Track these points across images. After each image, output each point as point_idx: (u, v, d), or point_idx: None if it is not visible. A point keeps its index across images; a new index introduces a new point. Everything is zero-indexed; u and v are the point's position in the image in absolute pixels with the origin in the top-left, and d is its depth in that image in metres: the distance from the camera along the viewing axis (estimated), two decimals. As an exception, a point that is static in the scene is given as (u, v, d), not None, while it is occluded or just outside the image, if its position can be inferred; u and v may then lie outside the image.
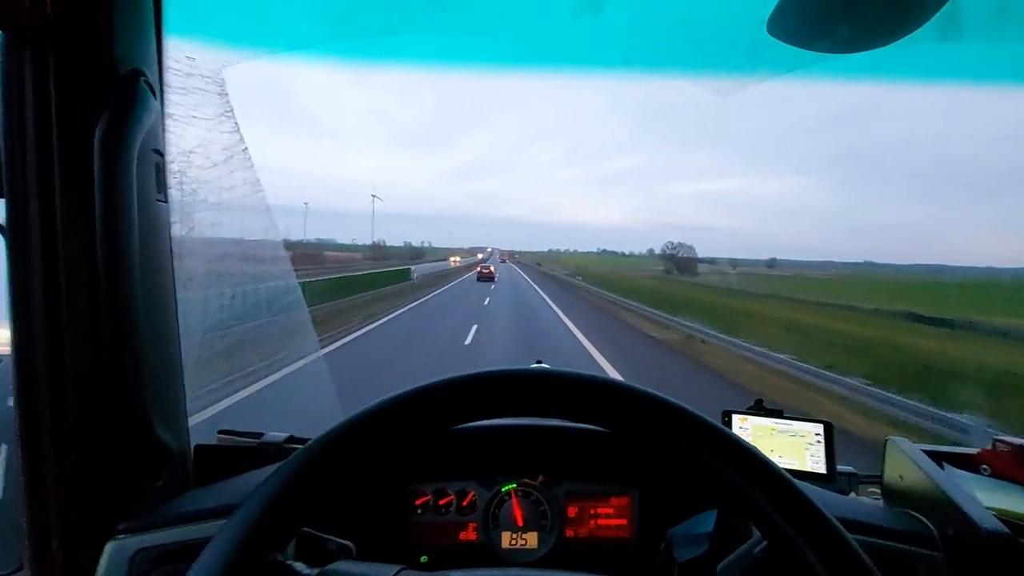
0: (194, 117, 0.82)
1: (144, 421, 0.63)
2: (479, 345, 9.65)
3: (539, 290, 26.84)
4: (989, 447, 0.75)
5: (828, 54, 0.78)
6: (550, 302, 20.25)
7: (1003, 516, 0.62)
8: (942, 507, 0.65)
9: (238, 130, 0.86)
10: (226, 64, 0.88)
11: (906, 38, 0.71)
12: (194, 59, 0.82)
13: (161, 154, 0.71)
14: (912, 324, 20.76)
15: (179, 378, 0.73)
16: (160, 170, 0.70)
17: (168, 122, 0.75)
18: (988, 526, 0.59)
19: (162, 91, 0.73)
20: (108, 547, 0.60)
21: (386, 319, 13.27)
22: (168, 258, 0.72)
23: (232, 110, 0.86)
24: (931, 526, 0.66)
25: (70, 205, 0.57)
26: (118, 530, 0.61)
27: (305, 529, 0.40)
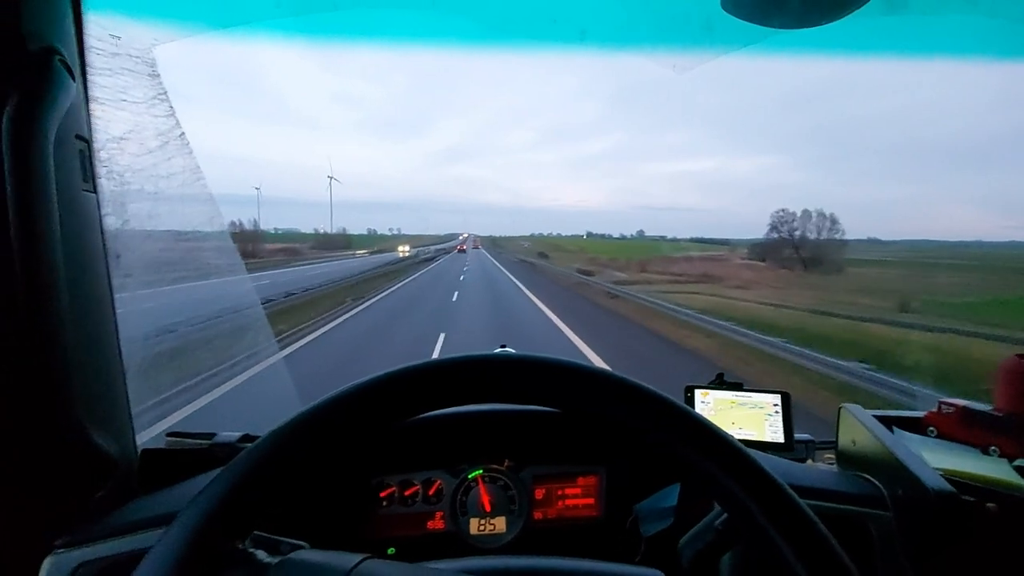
0: (123, 101, 0.76)
1: (81, 428, 0.59)
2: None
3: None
4: (935, 410, 0.79)
5: (782, 29, 0.78)
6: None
7: (948, 475, 0.65)
8: (892, 469, 0.67)
9: (173, 114, 0.80)
10: (157, 42, 0.82)
11: (857, 12, 0.72)
12: (120, 37, 0.76)
13: (86, 140, 0.66)
14: None
15: (120, 381, 0.69)
16: (86, 158, 0.65)
17: (93, 106, 0.70)
18: (935, 485, 0.61)
19: (84, 72, 0.67)
20: (45, 563, 0.56)
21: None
22: (100, 251, 0.67)
23: (166, 92, 0.80)
24: (882, 488, 0.68)
25: None
26: (56, 544, 0.57)
27: (256, 532, 0.38)
